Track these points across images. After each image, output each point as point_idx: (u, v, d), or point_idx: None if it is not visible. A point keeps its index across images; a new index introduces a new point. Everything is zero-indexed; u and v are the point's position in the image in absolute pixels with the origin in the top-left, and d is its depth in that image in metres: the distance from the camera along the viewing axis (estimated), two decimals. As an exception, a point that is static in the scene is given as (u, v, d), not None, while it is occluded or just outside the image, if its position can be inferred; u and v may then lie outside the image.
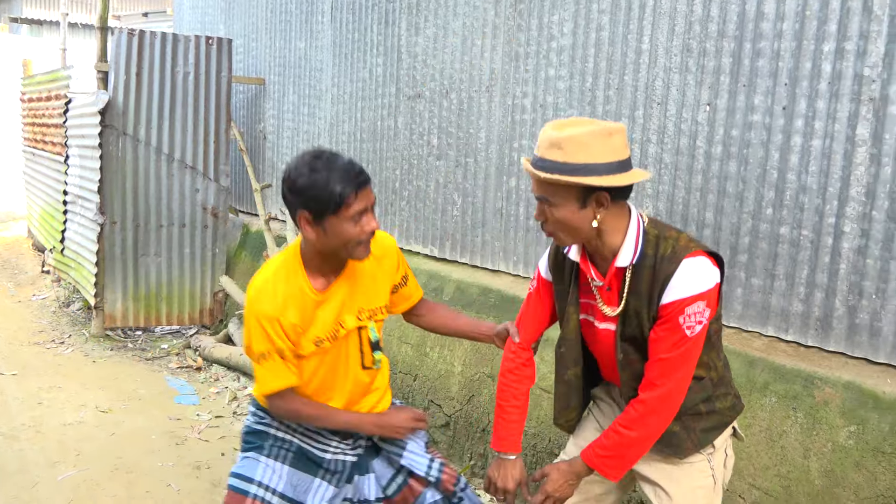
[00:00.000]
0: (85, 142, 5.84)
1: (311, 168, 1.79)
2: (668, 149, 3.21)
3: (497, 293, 3.96)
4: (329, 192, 1.78)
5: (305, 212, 1.81)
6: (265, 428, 2.12)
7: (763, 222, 2.90)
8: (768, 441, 2.69)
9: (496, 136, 4.06)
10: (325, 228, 1.82)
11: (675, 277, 1.76)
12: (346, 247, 1.86)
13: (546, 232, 1.85)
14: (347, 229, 1.82)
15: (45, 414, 4.23)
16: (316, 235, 1.84)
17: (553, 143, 1.74)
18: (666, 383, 1.80)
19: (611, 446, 1.85)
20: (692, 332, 1.77)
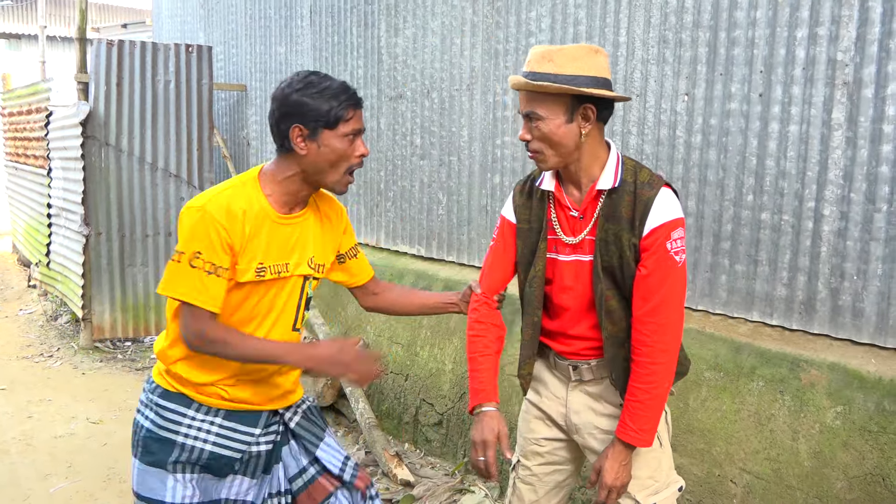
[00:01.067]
0: (67, 154, 5.81)
1: (307, 83, 1.78)
2: (648, 140, 3.24)
3: (485, 290, 3.97)
4: (328, 105, 1.76)
5: (300, 126, 1.77)
6: (171, 435, 1.88)
7: (744, 209, 2.93)
8: (757, 425, 2.71)
9: (479, 134, 4.08)
10: (320, 143, 1.78)
11: (657, 201, 1.80)
12: (335, 167, 1.82)
13: (530, 151, 1.86)
14: (341, 146, 1.80)
15: (36, 427, 4.21)
16: (307, 152, 1.79)
17: (545, 56, 1.79)
18: (666, 323, 1.79)
19: (644, 416, 1.81)
20: (680, 258, 1.80)
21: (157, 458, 1.87)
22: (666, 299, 1.80)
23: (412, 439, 4.06)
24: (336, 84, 1.80)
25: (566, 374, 2.00)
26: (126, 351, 5.76)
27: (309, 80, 1.79)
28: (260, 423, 1.95)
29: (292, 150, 1.81)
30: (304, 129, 1.78)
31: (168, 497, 1.86)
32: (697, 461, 2.81)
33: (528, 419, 2.11)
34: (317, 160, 1.81)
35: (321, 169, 1.82)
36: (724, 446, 2.76)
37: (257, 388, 1.93)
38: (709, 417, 2.83)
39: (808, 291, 2.79)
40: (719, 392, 2.84)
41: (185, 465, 1.89)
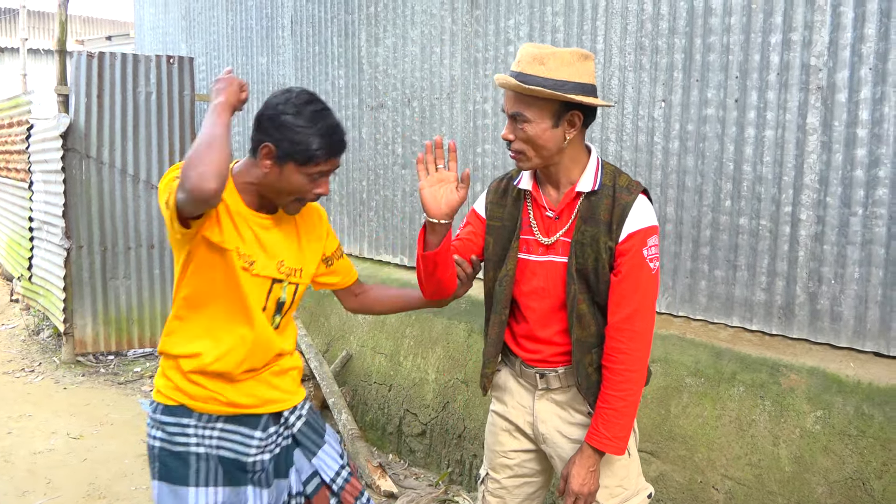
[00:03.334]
0: (48, 167, 5.77)
1: (299, 112, 1.74)
2: (626, 146, 3.24)
3: (467, 299, 3.95)
4: (306, 144, 1.73)
5: (273, 147, 1.74)
6: (183, 448, 1.87)
7: (722, 214, 2.94)
8: (738, 430, 2.71)
9: (459, 142, 4.07)
10: (283, 171, 1.76)
11: (635, 207, 1.81)
12: (288, 195, 1.81)
13: (512, 151, 1.84)
14: (301, 182, 1.78)
15: (15, 443, 4.15)
16: (269, 172, 1.77)
17: (536, 58, 1.77)
18: (641, 330, 1.79)
19: (619, 424, 1.80)
20: (654, 266, 1.80)
21: (178, 474, 1.86)
22: (641, 307, 1.80)
23: (396, 450, 4.03)
24: (328, 123, 1.77)
25: (533, 382, 1.97)
26: (109, 365, 5.70)
27: (304, 108, 1.75)
28: (260, 425, 1.92)
29: (257, 159, 1.79)
30: (275, 151, 1.75)
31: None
32: (679, 468, 2.81)
33: (494, 431, 2.08)
34: (275, 183, 1.79)
35: (276, 190, 1.81)
36: (705, 452, 2.75)
37: (253, 389, 1.90)
38: (690, 424, 2.83)
39: (786, 296, 2.79)
40: (700, 398, 2.84)
41: (206, 474, 1.88)
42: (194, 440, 1.87)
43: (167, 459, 1.87)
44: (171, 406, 1.88)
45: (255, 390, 1.90)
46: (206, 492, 1.86)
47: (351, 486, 2.05)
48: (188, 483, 1.85)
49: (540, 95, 1.75)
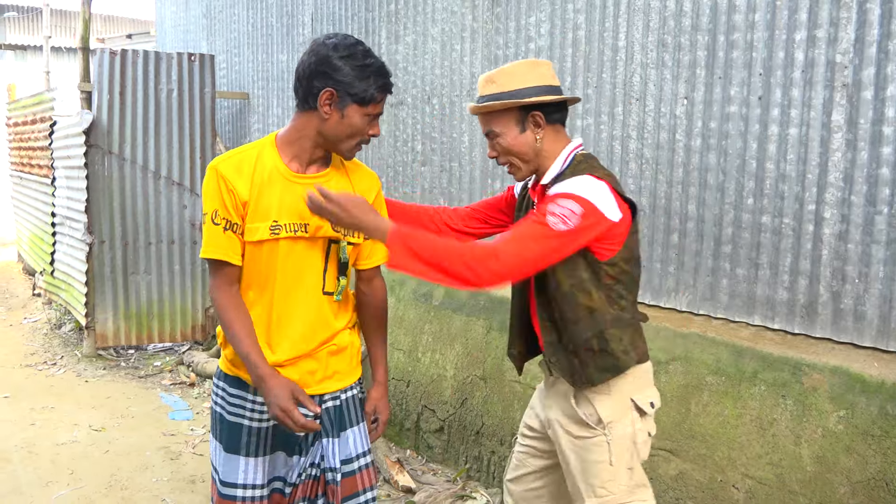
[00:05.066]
0: (71, 163, 5.84)
1: (352, 53, 1.80)
2: (648, 144, 3.23)
3: (486, 296, 3.96)
4: (366, 84, 1.80)
5: (332, 91, 1.80)
6: (239, 420, 1.99)
7: (745, 212, 2.92)
8: (759, 430, 2.69)
9: (479, 140, 4.08)
10: (344, 114, 1.82)
11: (566, 181, 1.90)
12: (349, 139, 1.86)
13: (504, 166, 2.03)
14: (362, 123, 1.85)
15: (38, 435, 4.21)
16: (329, 118, 1.83)
17: (488, 80, 1.97)
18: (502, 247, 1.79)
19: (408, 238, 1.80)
20: (553, 222, 1.79)
21: (231, 443, 1.99)
22: (518, 237, 1.81)
23: (414, 446, 4.04)
24: (377, 64, 1.84)
25: (546, 371, 2.12)
26: (129, 359, 5.77)
27: (354, 49, 1.82)
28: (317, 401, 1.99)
29: (314, 109, 1.84)
30: (336, 95, 1.81)
31: (240, 479, 1.98)
32: (699, 466, 2.80)
33: (531, 404, 2.25)
34: (336, 128, 1.84)
35: (338, 137, 1.86)
36: (726, 451, 2.74)
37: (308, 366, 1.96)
38: (710, 422, 2.81)
39: (809, 295, 2.77)
40: (721, 397, 2.83)
41: (257, 446, 1.99)
42: (248, 414, 1.98)
43: (224, 428, 2.01)
44: (230, 376, 2.01)
45: (308, 367, 1.96)
46: (255, 462, 1.98)
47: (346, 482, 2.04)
48: (239, 452, 1.98)
49: (493, 108, 1.94)
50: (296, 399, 1.83)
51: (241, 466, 1.99)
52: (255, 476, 1.99)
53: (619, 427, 1.97)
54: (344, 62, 1.79)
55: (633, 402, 1.99)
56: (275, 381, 1.83)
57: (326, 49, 1.81)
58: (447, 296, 4.19)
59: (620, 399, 1.98)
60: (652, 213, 3.23)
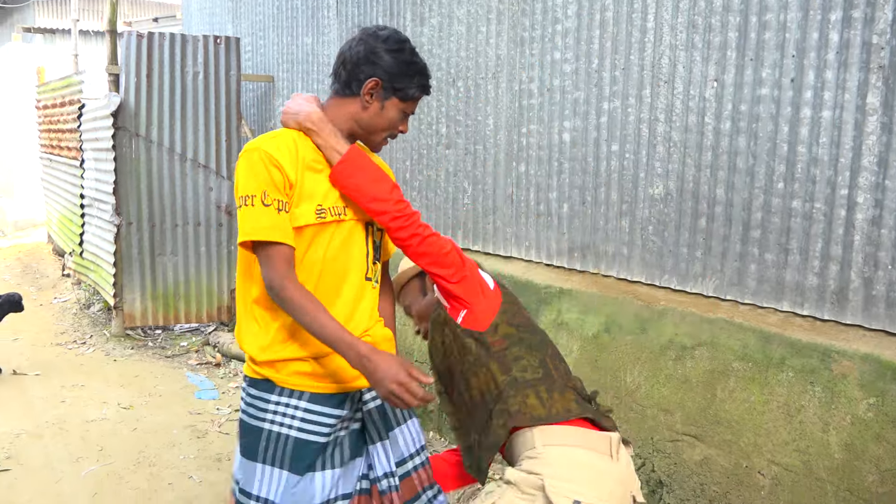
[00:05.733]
0: (99, 145, 5.90)
1: (401, 49, 1.84)
2: (676, 127, 3.19)
3: (510, 279, 3.95)
4: (410, 80, 1.84)
5: (380, 81, 1.82)
6: (259, 423, 1.85)
7: (775, 196, 2.88)
8: (786, 416, 2.67)
9: (504, 123, 4.05)
10: (384, 106, 1.85)
11: None
12: (383, 131, 1.88)
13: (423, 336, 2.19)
14: (397, 118, 1.88)
15: (69, 412, 4.29)
16: (370, 107, 1.84)
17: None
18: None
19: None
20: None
21: (249, 449, 1.86)
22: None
23: (436, 427, 4.07)
24: (422, 64, 1.89)
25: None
26: (156, 339, 5.85)
27: (403, 46, 1.85)
28: (347, 404, 1.88)
29: (355, 95, 1.85)
30: (381, 86, 1.83)
31: (255, 489, 1.83)
32: (724, 452, 2.78)
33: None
34: (374, 118, 1.86)
35: (373, 127, 1.88)
36: (752, 437, 2.72)
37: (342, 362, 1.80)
38: (736, 408, 2.79)
39: (840, 281, 2.73)
40: (747, 383, 2.80)
41: (275, 453, 1.84)
42: (269, 416, 1.84)
43: (244, 432, 1.88)
44: (257, 380, 1.87)
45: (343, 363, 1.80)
46: (271, 472, 1.84)
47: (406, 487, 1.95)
48: (256, 459, 1.85)
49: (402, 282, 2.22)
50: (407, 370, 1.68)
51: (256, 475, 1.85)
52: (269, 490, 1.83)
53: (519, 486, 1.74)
54: (393, 56, 1.82)
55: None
56: (380, 356, 1.70)
57: (377, 40, 1.83)
58: (471, 279, 4.19)
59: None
60: (679, 197, 3.20)
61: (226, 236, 5.99)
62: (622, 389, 3.17)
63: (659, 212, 3.28)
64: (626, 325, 3.28)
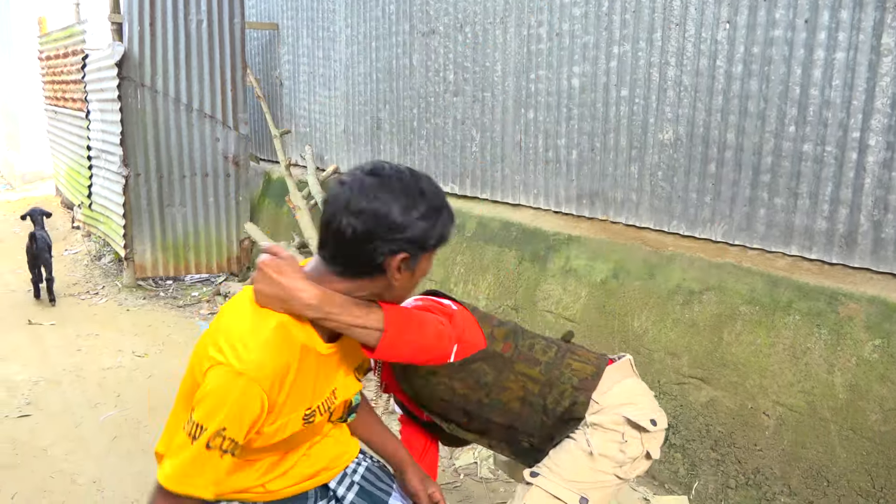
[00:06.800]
0: (104, 95, 5.87)
1: (413, 202, 1.38)
2: (687, 71, 3.15)
3: (518, 226, 3.96)
4: (442, 222, 1.43)
5: (404, 254, 1.38)
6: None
7: (786, 140, 2.86)
8: (792, 358, 2.70)
9: (512, 69, 4.01)
10: (415, 270, 1.44)
11: None
12: (412, 291, 1.52)
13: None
14: (428, 267, 1.49)
15: (85, 360, 4.37)
16: (401, 279, 1.43)
17: None
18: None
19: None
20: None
21: None
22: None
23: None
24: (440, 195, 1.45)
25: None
26: (167, 289, 5.92)
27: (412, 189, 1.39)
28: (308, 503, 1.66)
29: (376, 275, 1.41)
30: (409, 257, 1.40)
31: None
32: (730, 394, 2.82)
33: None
34: (406, 286, 1.46)
35: (405, 294, 1.50)
36: (757, 379, 2.76)
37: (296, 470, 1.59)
38: (743, 351, 2.83)
39: (849, 224, 2.73)
40: (754, 326, 2.83)
41: None
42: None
43: None
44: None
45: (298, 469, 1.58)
46: None
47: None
48: None
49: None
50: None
51: None
52: None
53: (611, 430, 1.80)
54: (414, 215, 1.37)
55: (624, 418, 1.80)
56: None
57: (381, 203, 1.35)
58: (479, 227, 4.20)
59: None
60: (689, 142, 3.18)
61: (233, 187, 6.00)
62: (629, 334, 3.21)
63: (668, 157, 3.27)
64: (635, 271, 3.30)
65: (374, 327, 1.42)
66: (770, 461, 2.68)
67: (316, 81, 5.91)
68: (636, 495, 2.96)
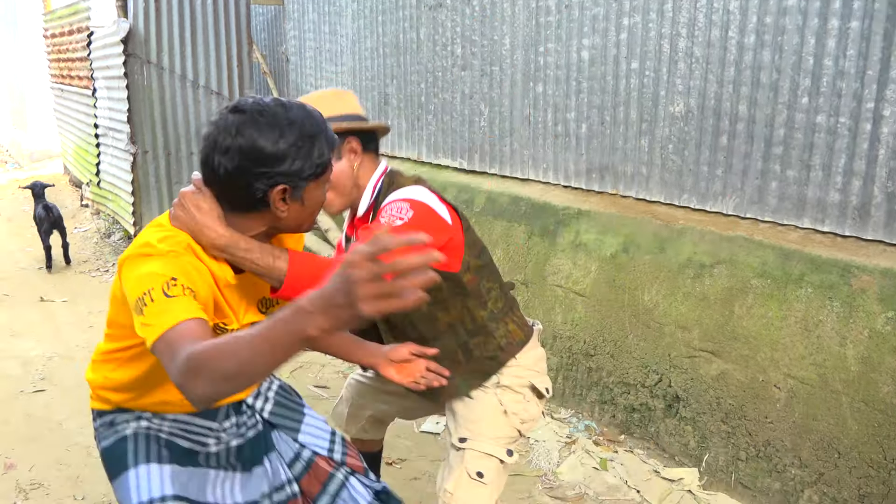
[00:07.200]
0: (110, 73, 5.85)
1: (283, 132, 1.36)
2: (698, 42, 3.11)
3: (527, 201, 3.95)
4: (318, 151, 1.40)
5: (282, 185, 1.38)
6: (117, 435, 1.61)
7: (798, 112, 2.83)
8: (804, 331, 2.70)
9: (521, 42, 3.97)
10: (305, 199, 1.43)
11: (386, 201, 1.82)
12: (311, 217, 1.50)
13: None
14: (322, 194, 1.48)
15: (96, 336, 4.39)
16: (288, 211, 1.43)
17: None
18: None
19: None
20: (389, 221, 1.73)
21: (117, 464, 1.59)
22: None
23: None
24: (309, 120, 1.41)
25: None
26: (177, 266, 5.93)
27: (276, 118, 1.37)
28: (219, 416, 1.69)
29: (263, 210, 1.42)
30: (290, 189, 1.40)
31: (134, 498, 1.54)
32: (741, 367, 2.82)
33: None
34: (297, 216, 1.46)
35: (301, 223, 1.49)
36: (768, 352, 2.76)
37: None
38: (754, 324, 2.82)
39: (862, 196, 2.71)
40: (766, 299, 2.82)
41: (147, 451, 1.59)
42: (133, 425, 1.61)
43: (108, 458, 1.62)
44: (107, 410, 1.65)
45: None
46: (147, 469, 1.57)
47: (351, 455, 1.87)
48: (127, 465, 1.57)
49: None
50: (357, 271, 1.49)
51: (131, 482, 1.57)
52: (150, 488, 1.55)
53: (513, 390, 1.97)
54: (285, 145, 1.36)
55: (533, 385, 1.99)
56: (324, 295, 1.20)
57: (245, 138, 1.35)
58: (488, 202, 4.19)
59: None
60: (700, 114, 3.15)
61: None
62: (640, 307, 3.21)
63: (679, 130, 3.24)
64: (645, 245, 3.29)
65: (277, 276, 1.48)
66: (781, 433, 2.69)
67: (322, 57, 5.87)
68: (646, 468, 2.98)
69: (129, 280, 1.33)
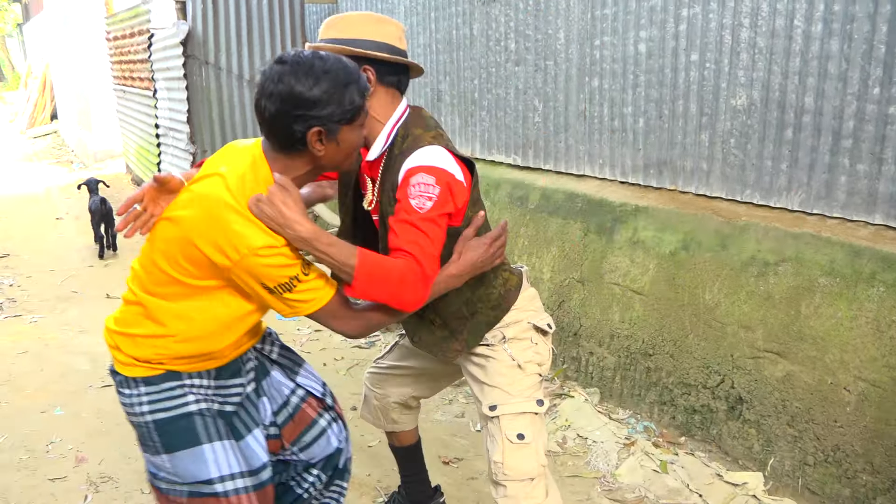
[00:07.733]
0: (170, 74, 6.00)
1: (318, 79, 1.57)
2: (762, 32, 3.01)
3: (583, 197, 3.90)
4: (349, 98, 1.60)
5: (319, 129, 1.59)
6: (183, 408, 1.76)
7: (869, 103, 2.71)
8: (876, 332, 2.59)
9: (576, 35, 3.91)
10: (340, 141, 1.64)
11: (410, 156, 1.78)
12: (348, 158, 1.71)
13: None
14: (358, 136, 1.69)
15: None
16: (325, 152, 1.64)
17: (328, 24, 1.86)
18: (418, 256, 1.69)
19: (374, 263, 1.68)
20: (420, 205, 1.71)
21: (186, 438, 1.75)
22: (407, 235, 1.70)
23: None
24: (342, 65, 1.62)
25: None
26: (235, 263, 6.05)
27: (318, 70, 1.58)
28: (243, 370, 1.92)
29: (302, 150, 1.64)
30: (324, 131, 1.60)
31: (214, 472, 1.75)
32: (808, 369, 2.73)
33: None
34: (335, 156, 1.67)
35: (338, 162, 1.70)
36: (838, 354, 2.66)
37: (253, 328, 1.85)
38: (822, 325, 2.73)
39: (939, 191, 2.58)
40: (834, 298, 2.72)
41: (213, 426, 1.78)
42: (192, 398, 1.78)
43: (169, 429, 1.76)
44: (156, 376, 1.77)
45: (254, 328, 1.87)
46: (220, 447, 1.77)
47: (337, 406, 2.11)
48: (200, 441, 1.75)
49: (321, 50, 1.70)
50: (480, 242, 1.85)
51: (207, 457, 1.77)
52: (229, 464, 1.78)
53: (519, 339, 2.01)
54: (320, 90, 1.57)
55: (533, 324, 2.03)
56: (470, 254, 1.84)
57: (285, 85, 1.56)
58: (543, 198, 4.15)
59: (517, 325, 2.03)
60: (764, 107, 3.05)
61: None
62: (700, 307, 3.13)
63: (741, 123, 3.15)
64: (706, 242, 3.21)
65: (348, 272, 1.63)
66: (851, 438, 2.59)
67: (375, 54, 5.89)
68: (708, 471, 2.92)
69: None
